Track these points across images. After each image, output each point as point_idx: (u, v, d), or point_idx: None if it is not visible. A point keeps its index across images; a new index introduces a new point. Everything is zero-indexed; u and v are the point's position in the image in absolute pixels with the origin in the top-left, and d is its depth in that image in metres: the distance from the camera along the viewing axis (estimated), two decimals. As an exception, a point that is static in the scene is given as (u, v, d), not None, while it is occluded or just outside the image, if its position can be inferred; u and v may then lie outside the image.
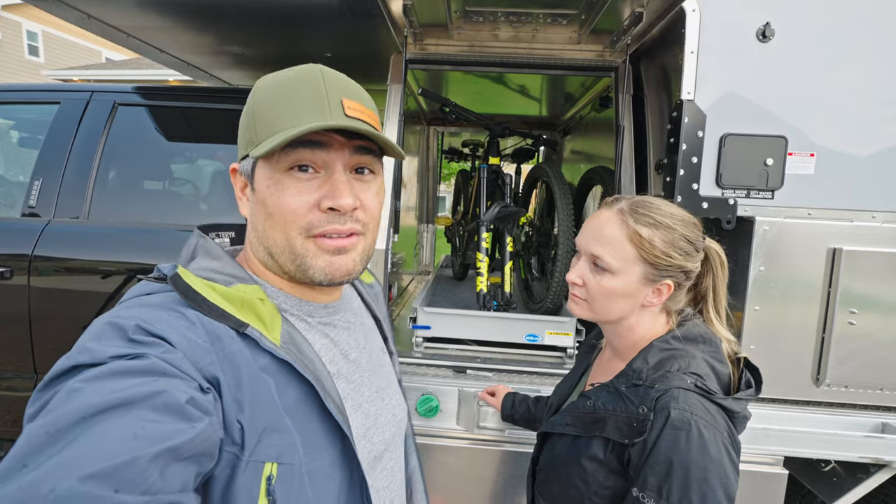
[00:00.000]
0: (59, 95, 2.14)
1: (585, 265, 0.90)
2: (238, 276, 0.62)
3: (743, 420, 0.83)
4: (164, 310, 0.54)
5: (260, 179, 0.61)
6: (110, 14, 1.85)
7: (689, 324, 0.90)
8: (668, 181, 1.58)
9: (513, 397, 1.45)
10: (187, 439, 0.44)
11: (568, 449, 0.90)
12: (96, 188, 2.04)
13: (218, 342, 0.54)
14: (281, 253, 0.62)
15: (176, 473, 0.43)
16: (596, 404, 0.87)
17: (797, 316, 1.56)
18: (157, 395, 0.45)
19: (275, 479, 0.53)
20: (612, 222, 0.87)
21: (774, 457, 1.60)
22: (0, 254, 1.97)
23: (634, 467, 0.79)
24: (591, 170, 2.31)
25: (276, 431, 0.54)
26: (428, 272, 3.75)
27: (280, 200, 0.59)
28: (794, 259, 1.54)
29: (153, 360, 0.47)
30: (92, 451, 0.39)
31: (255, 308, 0.59)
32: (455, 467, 1.65)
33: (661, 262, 0.85)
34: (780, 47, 1.49)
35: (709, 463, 0.73)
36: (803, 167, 1.52)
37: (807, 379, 1.59)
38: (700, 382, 0.80)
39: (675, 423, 0.75)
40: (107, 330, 0.50)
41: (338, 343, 0.69)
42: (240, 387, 0.53)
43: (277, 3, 1.72)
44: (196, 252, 0.64)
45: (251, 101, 0.63)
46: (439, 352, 1.88)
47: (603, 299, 0.88)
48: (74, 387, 0.44)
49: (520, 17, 1.71)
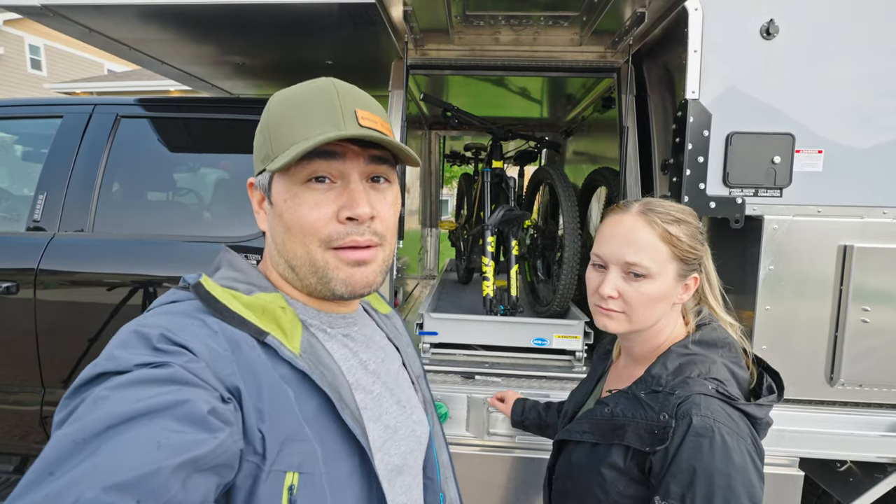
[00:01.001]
0: (62, 109, 2.15)
1: (617, 275, 0.86)
2: (259, 286, 0.63)
3: (766, 426, 0.81)
4: (186, 318, 0.55)
5: (277, 193, 0.62)
6: (111, 27, 1.86)
7: (706, 328, 0.88)
8: (674, 181, 1.57)
9: (523, 403, 1.44)
10: (209, 450, 0.44)
11: (586, 457, 0.89)
12: (100, 201, 2.04)
13: (238, 350, 0.54)
14: (301, 266, 0.62)
15: (197, 484, 0.43)
16: (614, 411, 0.86)
17: (809, 315, 1.54)
18: (180, 404, 0.45)
19: (296, 489, 0.53)
20: (639, 226, 0.85)
21: (790, 458, 1.58)
22: (6, 269, 1.98)
23: (656, 475, 0.77)
24: (595, 171, 2.30)
25: (297, 441, 0.54)
26: (432, 276, 3.75)
27: (298, 213, 0.60)
28: (805, 257, 1.52)
29: (176, 369, 0.48)
30: (116, 461, 0.40)
31: (275, 316, 0.60)
32: (465, 475, 1.64)
33: (690, 256, 0.85)
34: (785, 44, 1.48)
35: (733, 470, 0.72)
36: (811, 164, 1.51)
37: (820, 378, 1.57)
38: (721, 388, 0.79)
39: (697, 430, 0.74)
40: (132, 338, 0.51)
41: (357, 354, 0.69)
42: (260, 396, 0.53)
43: (278, 13, 1.72)
44: (221, 263, 0.65)
45: (266, 117, 0.64)
46: (447, 358, 1.86)
47: (644, 308, 0.84)
48: (101, 394, 0.45)
49: (520, 21, 1.70)
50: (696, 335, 0.87)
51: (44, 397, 2.04)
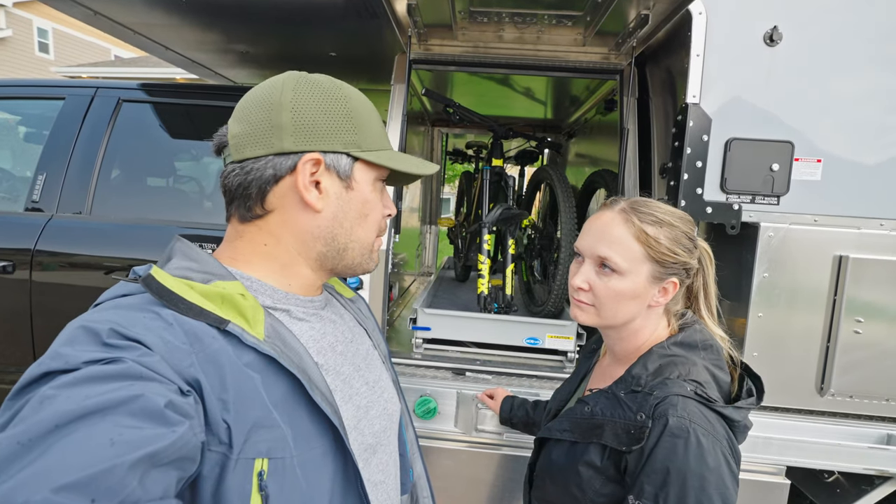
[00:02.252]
0: (64, 91, 2.15)
1: (591, 269, 0.87)
2: (217, 274, 0.61)
3: (744, 429, 0.81)
4: (139, 311, 0.53)
5: (363, 182, 0.68)
6: (116, 10, 1.86)
7: (689, 329, 0.88)
8: (671, 185, 1.56)
9: (511, 401, 1.44)
10: (167, 444, 0.43)
11: (565, 455, 0.89)
12: (99, 184, 2.04)
13: (198, 342, 0.53)
14: (359, 247, 0.69)
15: (156, 480, 0.42)
16: (594, 410, 0.86)
17: (801, 324, 1.54)
18: (134, 399, 0.43)
19: (266, 475, 0.52)
20: (616, 222, 0.86)
21: (776, 466, 1.58)
22: (3, 248, 1.98)
23: (631, 474, 0.77)
24: (594, 173, 2.30)
25: (265, 427, 0.54)
26: (430, 273, 3.74)
27: (378, 206, 0.71)
28: (799, 266, 1.52)
29: (129, 364, 0.46)
30: (67, 460, 0.38)
31: (235, 303, 0.58)
32: (452, 470, 1.64)
33: (668, 260, 0.84)
34: (788, 51, 1.47)
35: (706, 472, 0.72)
36: (810, 173, 1.51)
37: (810, 388, 1.56)
38: (700, 390, 0.79)
39: (673, 431, 0.74)
40: (80, 334, 0.49)
41: (325, 335, 0.70)
42: (224, 386, 0.52)
43: (282, 2, 1.72)
44: (173, 253, 0.64)
45: (346, 102, 0.66)
46: (439, 353, 1.86)
47: (612, 302, 0.85)
48: (47, 394, 0.42)
49: (524, 18, 1.70)
50: (678, 337, 0.87)
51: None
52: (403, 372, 1.74)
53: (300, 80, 0.65)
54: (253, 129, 0.63)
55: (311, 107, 0.64)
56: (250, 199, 0.64)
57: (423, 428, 1.64)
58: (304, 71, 0.68)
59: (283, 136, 0.62)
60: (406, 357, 1.82)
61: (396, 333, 2.13)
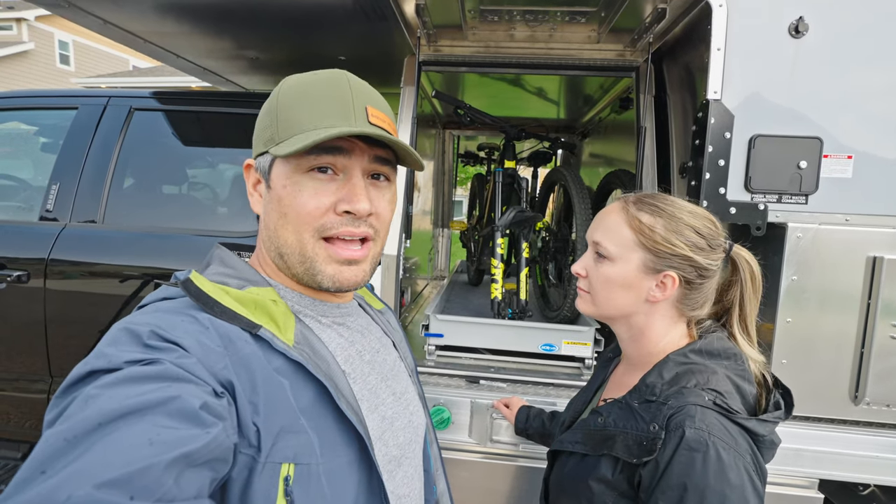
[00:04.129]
0: (77, 101, 2.16)
1: (589, 256, 0.90)
2: (251, 280, 0.63)
3: (770, 445, 0.76)
4: (177, 314, 0.55)
5: (277, 178, 0.62)
6: (126, 19, 1.86)
7: (711, 336, 0.83)
8: (692, 185, 1.50)
9: (527, 411, 1.39)
10: (201, 445, 0.44)
11: (576, 468, 0.85)
12: (112, 192, 2.05)
13: (231, 345, 0.54)
14: (291, 254, 0.63)
15: (191, 480, 0.43)
16: (607, 421, 0.82)
17: (833, 329, 1.46)
18: (171, 400, 0.45)
19: (292, 480, 0.53)
20: (613, 211, 0.87)
21: (808, 479, 1.50)
22: (18, 258, 2.00)
23: (645, 490, 0.73)
24: (610, 173, 2.24)
25: (293, 432, 0.54)
26: (443, 277, 3.71)
27: (296, 200, 0.60)
28: (830, 268, 1.44)
29: (167, 366, 0.48)
30: (108, 457, 0.40)
31: (267, 309, 0.60)
32: (467, 482, 1.59)
33: (662, 250, 0.81)
34: (815, 43, 1.40)
35: (727, 489, 0.66)
36: (840, 170, 1.43)
37: (844, 396, 1.48)
38: (720, 400, 0.73)
39: (690, 444, 0.69)
40: (122, 336, 0.51)
41: (353, 343, 0.69)
42: (255, 389, 0.53)
43: (291, 5, 1.70)
44: (212, 260, 0.66)
45: (274, 100, 0.63)
46: (452, 360, 1.82)
47: (603, 289, 0.86)
48: (91, 393, 0.44)
49: (536, 16, 1.65)
50: (697, 344, 0.82)
51: (51, 386, 2.05)
52: (416, 380, 1.70)
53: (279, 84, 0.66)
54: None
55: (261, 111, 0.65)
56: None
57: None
58: None
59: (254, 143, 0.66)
60: (418, 364, 1.78)
61: (410, 339, 2.09)
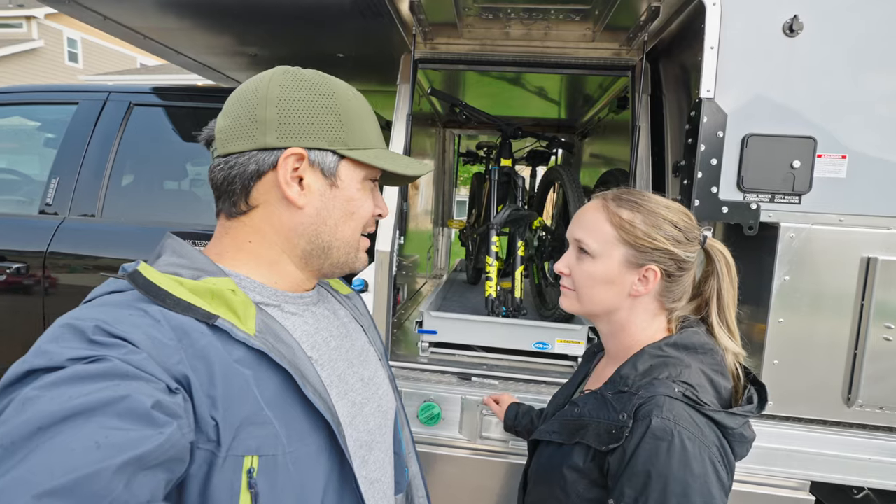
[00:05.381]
0: (78, 96, 2.19)
1: (572, 254, 0.90)
2: (206, 270, 0.61)
3: (741, 439, 0.76)
4: (125, 308, 0.52)
5: (350, 180, 0.67)
6: (125, 15, 1.88)
7: (688, 331, 0.83)
8: (685, 184, 1.50)
9: (517, 408, 1.39)
10: (155, 446, 0.42)
11: (551, 457, 0.86)
12: (110, 187, 2.06)
13: (186, 338, 0.52)
14: (343, 245, 0.68)
15: (143, 483, 0.41)
16: (582, 411, 0.83)
17: (826, 330, 1.45)
18: (120, 400, 0.42)
19: (256, 472, 0.51)
20: (594, 207, 0.88)
21: (799, 481, 1.49)
22: (18, 250, 2.02)
23: (613, 476, 0.74)
24: (607, 172, 2.24)
25: (255, 424, 0.52)
26: (442, 276, 3.71)
27: (365, 204, 0.69)
28: (823, 268, 1.43)
29: (114, 363, 0.45)
30: (50, 464, 0.37)
31: (225, 299, 0.57)
32: (456, 478, 1.60)
33: (644, 244, 0.82)
34: (809, 42, 1.39)
35: (690, 478, 0.67)
36: (834, 170, 1.42)
37: (837, 398, 1.47)
38: (690, 392, 0.74)
39: (655, 433, 0.70)
40: (65, 332, 0.48)
41: (319, 330, 0.69)
42: (213, 382, 0.51)
43: (289, 2, 1.71)
44: (163, 250, 0.64)
45: (333, 99, 0.64)
46: (445, 357, 1.83)
47: (587, 286, 0.86)
48: (30, 395, 0.42)
49: (531, 14, 1.65)
50: (673, 337, 0.82)
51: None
52: (408, 376, 1.71)
53: (287, 75, 0.64)
54: (238, 124, 0.63)
55: (297, 102, 0.63)
56: (235, 195, 0.64)
57: (426, 434, 1.60)
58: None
59: (266, 131, 0.62)
60: (412, 361, 1.78)
61: (405, 336, 2.10)
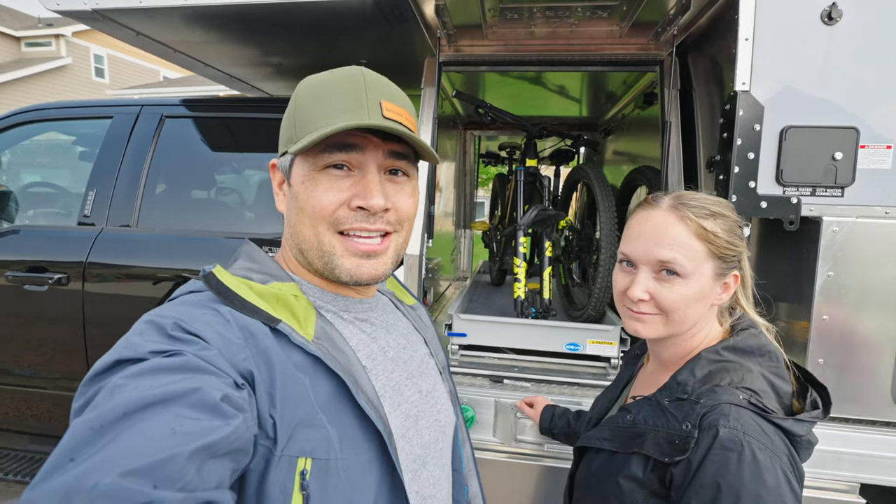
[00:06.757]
0: (112, 110, 2.25)
1: (648, 276, 0.80)
2: (274, 275, 0.64)
3: (807, 445, 0.73)
4: (200, 307, 0.56)
5: (296, 175, 0.64)
6: (157, 30, 1.93)
7: (744, 333, 0.81)
8: (721, 179, 1.46)
9: (552, 410, 1.38)
10: (223, 436, 0.45)
11: (604, 465, 0.83)
12: (145, 197, 2.12)
13: (252, 338, 0.55)
14: (309, 249, 0.64)
15: (212, 470, 0.44)
16: (636, 419, 0.80)
17: (873, 326, 1.40)
18: (193, 392, 0.46)
19: (309, 474, 0.53)
20: (670, 222, 0.79)
21: (848, 484, 1.44)
22: (58, 261, 2.09)
23: (677, 489, 0.71)
24: (634, 170, 2.20)
25: (309, 426, 0.54)
26: (465, 278, 3.70)
27: (312, 195, 0.62)
28: (869, 263, 1.38)
29: (189, 357, 0.49)
30: (133, 447, 0.41)
31: (288, 304, 0.60)
32: (491, 481, 1.58)
33: (728, 253, 0.79)
34: (849, 30, 1.35)
35: (763, 491, 0.64)
36: (878, 161, 1.37)
37: (885, 397, 1.42)
38: (755, 399, 0.71)
39: (724, 443, 0.67)
40: (148, 327, 0.52)
41: (376, 339, 0.69)
42: (273, 382, 0.54)
43: (312, 11, 1.73)
44: (240, 255, 0.67)
45: (293, 101, 0.65)
46: (475, 360, 1.82)
47: (680, 309, 0.78)
48: (118, 383, 0.46)
49: (557, 13, 1.64)
50: (731, 340, 0.79)
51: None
52: (439, 379, 1.70)
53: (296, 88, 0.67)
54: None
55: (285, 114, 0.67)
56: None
57: (460, 437, 1.60)
58: None
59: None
60: (442, 364, 1.78)
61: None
